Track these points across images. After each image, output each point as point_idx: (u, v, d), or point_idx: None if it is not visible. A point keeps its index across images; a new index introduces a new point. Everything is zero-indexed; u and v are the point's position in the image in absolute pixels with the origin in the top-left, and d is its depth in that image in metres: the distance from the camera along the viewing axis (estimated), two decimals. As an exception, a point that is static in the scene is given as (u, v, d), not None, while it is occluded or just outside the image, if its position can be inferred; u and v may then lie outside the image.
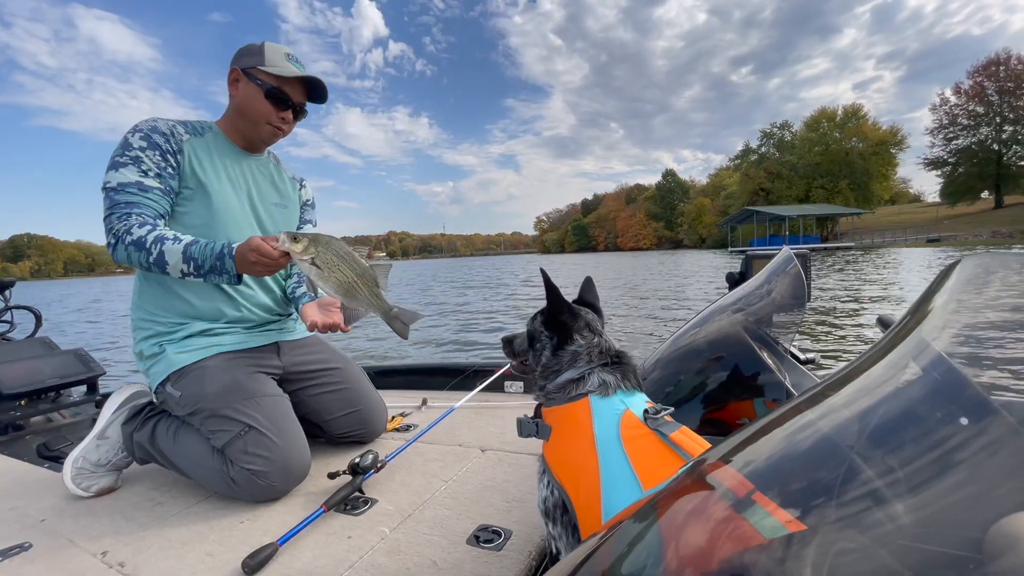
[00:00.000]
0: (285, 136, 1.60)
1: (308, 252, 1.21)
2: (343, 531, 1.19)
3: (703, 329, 1.30)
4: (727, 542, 0.41)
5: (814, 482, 0.43)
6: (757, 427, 0.51)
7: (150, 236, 1.30)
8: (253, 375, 1.48)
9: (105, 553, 1.17)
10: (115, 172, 1.36)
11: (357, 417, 1.69)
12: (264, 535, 1.19)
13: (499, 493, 1.33)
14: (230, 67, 1.53)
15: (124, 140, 1.40)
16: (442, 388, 2.38)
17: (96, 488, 1.47)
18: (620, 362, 0.92)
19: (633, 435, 0.80)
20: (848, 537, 0.37)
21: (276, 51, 1.50)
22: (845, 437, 0.44)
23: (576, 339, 0.93)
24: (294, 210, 1.74)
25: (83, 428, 2.21)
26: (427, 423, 1.79)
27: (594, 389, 0.87)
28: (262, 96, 1.49)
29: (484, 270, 39.66)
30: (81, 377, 2.31)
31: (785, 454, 0.48)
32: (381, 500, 1.33)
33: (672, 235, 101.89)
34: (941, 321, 0.55)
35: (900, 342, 0.53)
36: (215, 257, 1.28)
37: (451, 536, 1.14)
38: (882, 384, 0.50)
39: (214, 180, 1.49)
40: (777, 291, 1.23)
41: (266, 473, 1.33)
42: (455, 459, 1.57)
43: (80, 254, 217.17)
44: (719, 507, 0.45)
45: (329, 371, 1.69)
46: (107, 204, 1.36)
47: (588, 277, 1.08)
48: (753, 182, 67.11)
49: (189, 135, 1.49)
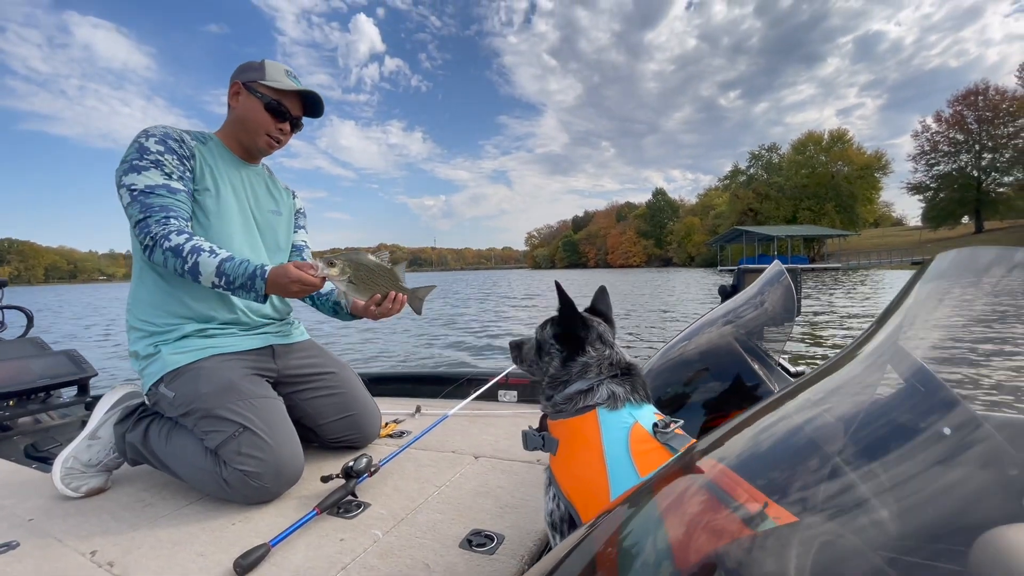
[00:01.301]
0: (281, 147, 1.67)
1: (344, 273, 1.38)
2: (335, 533, 1.19)
3: (695, 340, 1.31)
4: (714, 531, 0.42)
5: (801, 478, 0.43)
6: (742, 419, 0.52)
7: (187, 245, 1.35)
8: (248, 376, 1.48)
9: (94, 553, 1.16)
10: (137, 175, 1.39)
11: (351, 422, 1.69)
12: (256, 536, 1.19)
13: (492, 499, 1.33)
14: (231, 81, 1.59)
15: (138, 145, 1.42)
16: (436, 396, 2.38)
17: (86, 488, 1.46)
18: (630, 374, 0.91)
19: (643, 450, 0.79)
20: (832, 531, 0.38)
21: (276, 68, 1.58)
22: (825, 439, 0.45)
23: (588, 351, 0.91)
24: (288, 217, 1.81)
25: (72, 429, 2.18)
26: (420, 430, 1.79)
27: (603, 401, 0.86)
28: (261, 108, 1.56)
29: (479, 284, 39.57)
30: (72, 378, 2.27)
31: (766, 447, 0.49)
32: (374, 504, 1.33)
33: (661, 253, 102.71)
34: (916, 320, 0.56)
35: (873, 341, 0.54)
36: (247, 276, 1.35)
37: (444, 540, 1.15)
38: (858, 385, 0.51)
39: (220, 186, 1.55)
40: (768, 303, 1.25)
41: (259, 474, 1.33)
42: (448, 465, 1.57)
43: (62, 260, 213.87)
44: (705, 497, 0.46)
45: (324, 375, 1.70)
46: (139, 208, 1.38)
47: (602, 286, 1.07)
48: (742, 202, 68.12)
49: (196, 142, 1.53)
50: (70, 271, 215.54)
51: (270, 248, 1.70)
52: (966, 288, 0.56)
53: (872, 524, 0.37)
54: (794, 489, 0.43)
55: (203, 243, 1.38)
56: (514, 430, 1.88)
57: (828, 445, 0.44)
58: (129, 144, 1.45)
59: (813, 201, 61.39)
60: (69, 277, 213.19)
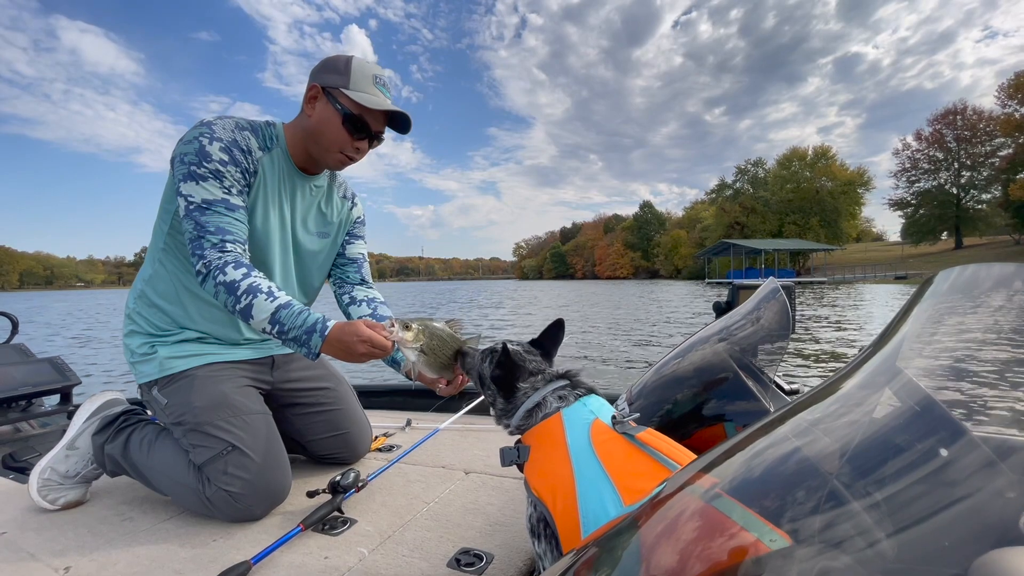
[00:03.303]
0: (354, 163, 1.49)
1: (418, 340, 1.22)
2: (320, 551, 1.16)
3: (689, 357, 1.31)
4: (707, 557, 0.42)
5: (797, 500, 0.43)
6: (734, 442, 0.52)
7: (243, 283, 1.23)
8: (242, 389, 1.44)
9: (68, 569, 1.12)
10: (196, 185, 1.27)
11: (341, 440, 1.65)
12: (237, 553, 1.16)
13: (482, 516, 1.31)
14: (309, 81, 1.40)
15: (200, 147, 1.27)
16: (427, 410, 2.35)
17: (63, 501, 1.41)
18: (567, 376, 1.00)
19: (603, 440, 0.84)
20: (829, 554, 0.37)
21: (363, 73, 1.36)
22: (822, 461, 0.44)
23: (521, 386, 0.99)
24: (338, 236, 1.65)
25: (53, 439, 2.11)
26: (411, 444, 1.77)
27: (559, 405, 0.93)
28: (339, 122, 1.36)
29: (469, 295, 39.45)
30: (55, 386, 2.22)
31: (762, 469, 0.48)
32: (361, 520, 1.30)
33: (649, 265, 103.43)
34: (916, 340, 0.55)
35: (872, 362, 0.54)
36: (304, 329, 1.23)
37: (431, 559, 1.12)
38: (857, 406, 0.50)
39: (269, 208, 1.43)
40: (763, 320, 1.25)
41: (244, 496, 1.29)
42: (438, 481, 1.55)
43: (38, 266, 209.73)
44: (698, 521, 0.45)
45: (318, 391, 1.64)
46: (193, 224, 1.27)
47: (559, 319, 1.12)
48: (729, 216, 69.10)
49: (262, 151, 1.39)
50: (46, 277, 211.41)
51: (302, 283, 1.59)
52: (968, 307, 0.56)
53: (868, 547, 0.37)
54: (790, 511, 0.42)
55: (261, 281, 1.26)
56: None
57: (825, 467, 0.44)
58: (190, 133, 1.30)
59: (798, 215, 62.43)
60: (45, 283, 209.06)
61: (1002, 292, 0.54)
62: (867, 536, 0.37)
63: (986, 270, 0.56)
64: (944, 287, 0.59)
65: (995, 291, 0.55)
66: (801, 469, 0.46)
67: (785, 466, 0.47)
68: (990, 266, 0.55)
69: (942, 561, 0.35)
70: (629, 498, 0.74)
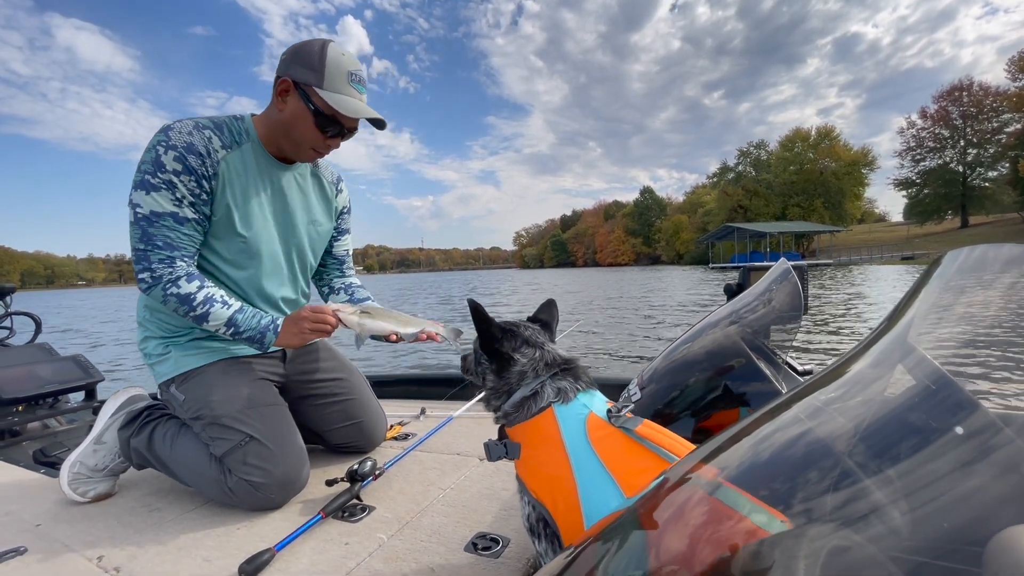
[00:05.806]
0: (324, 156, 1.49)
1: (356, 312, 1.39)
2: (340, 538, 1.19)
3: (700, 340, 1.31)
4: (712, 542, 0.42)
5: (803, 483, 0.43)
6: (739, 428, 0.51)
7: (200, 295, 1.31)
8: (257, 382, 1.47)
9: (100, 558, 1.16)
10: (146, 195, 1.26)
11: (357, 428, 1.68)
12: (261, 541, 1.19)
13: (497, 501, 1.34)
14: (279, 74, 1.34)
15: (156, 157, 1.26)
16: (440, 398, 2.38)
17: (93, 493, 1.45)
18: (569, 367, 0.92)
19: (600, 436, 0.81)
20: (841, 538, 0.38)
21: (339, 69, 1.31)
22: (835, 441, 0.44)
23: (517, 358, 0.92)
24: (328, 227, 1.65)
25: (80, 435, 2.17)
26: (425, 432, 1.79)
27: (553, 399, 0.87)
28: (311, 121, 1.34)
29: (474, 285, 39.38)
30: (79, 383, 2.26)
31: (769, 454, 0.48)
32: (379, 507, 1.33)
33: (650, 251, 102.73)
34: (926, 319, 0.55)
35: (883, 340, 0.53)
36: (258, 329, 1.36)
37: (449, 543, 1.15)
38: (870, 385, 0.50)
39: (250, 207, 1.41)
40: (775, 301, 1.25)
41: (264, 485, 1.33)
42: (453, 467, 1.58)
43: (39, 265, 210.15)
44: (702, 508, 0.46)
45: (332, 381, 1.67)
46: (139, 235, 1.28)
47: (550, 299, 1.08)
48: (731, 199, 68.42)
49: (226, 150, 1.35)
50: (47, 276, 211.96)
51: (292, 268, 1.58)
52: (980, 285, 0.55)
53: (884, 526, 0.37)
54: (804, 492, 0.42)
55: (215, 292, 1.34)
56: None
57: (839, 447, 0.44)
58: (151, 140, 1.29)
59: (802, 197, 61.74)
60: (46, 282, 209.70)
61: (1012, 272, 0.53)
62: (884, 515, 0.37)
63: (995, 251, 0.55)
64: (953, 268, 0.58)
65: (1005, 272, 0.54)
66: (813, 450, 0.45)
67: (795, 448, 0.47)
68: (999, 246, 0.55)
69: (960, 539, 0.35)
70: (632, 494, 0.71)
